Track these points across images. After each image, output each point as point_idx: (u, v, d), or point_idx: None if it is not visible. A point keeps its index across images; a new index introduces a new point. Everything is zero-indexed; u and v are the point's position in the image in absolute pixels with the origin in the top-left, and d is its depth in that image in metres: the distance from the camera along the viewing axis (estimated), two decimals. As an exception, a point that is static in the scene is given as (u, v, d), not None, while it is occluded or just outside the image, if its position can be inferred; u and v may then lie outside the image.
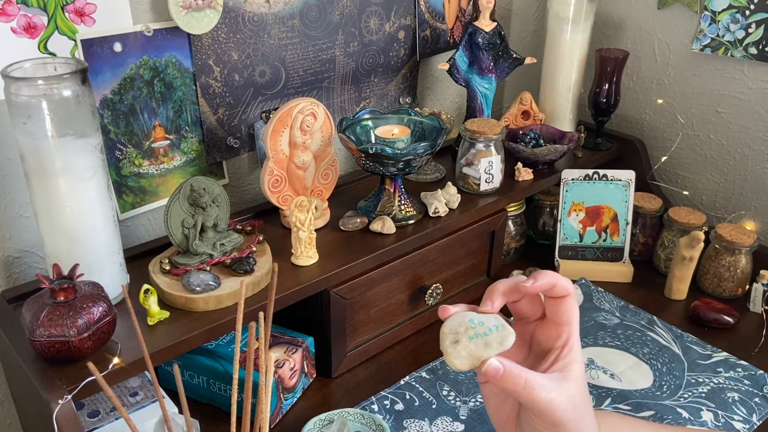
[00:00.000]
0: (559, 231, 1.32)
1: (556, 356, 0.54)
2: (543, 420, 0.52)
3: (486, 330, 0.52)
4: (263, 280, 0.93)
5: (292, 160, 1.04)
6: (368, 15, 1.20)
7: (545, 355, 0.55)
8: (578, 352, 0.54)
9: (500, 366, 0.50)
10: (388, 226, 1.06)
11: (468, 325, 0.53)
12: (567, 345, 0.54)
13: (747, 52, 1.26)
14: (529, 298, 0.57)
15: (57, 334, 0.73)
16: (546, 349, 0.55)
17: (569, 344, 0.54)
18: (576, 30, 1.34)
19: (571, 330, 0.54)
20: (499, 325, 0.53)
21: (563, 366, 0.53)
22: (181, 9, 0.92)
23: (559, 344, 0.54)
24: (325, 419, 0.94)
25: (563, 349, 0.54)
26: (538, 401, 0.51)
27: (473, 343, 0.52)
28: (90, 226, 0.83)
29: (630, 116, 1.50)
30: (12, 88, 0.74)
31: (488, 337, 0.52)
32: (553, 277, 0.53)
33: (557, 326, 0.54)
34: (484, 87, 1.28)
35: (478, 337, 0.52)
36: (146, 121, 0.99)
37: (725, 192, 1.38)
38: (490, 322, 0.53)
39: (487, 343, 0.52)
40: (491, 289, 0.55)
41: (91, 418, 0.83)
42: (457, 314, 0.54)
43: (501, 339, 0.52)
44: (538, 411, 0.52)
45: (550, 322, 0.55)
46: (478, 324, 0.53)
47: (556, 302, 0.54)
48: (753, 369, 1.07)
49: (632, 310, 1.21)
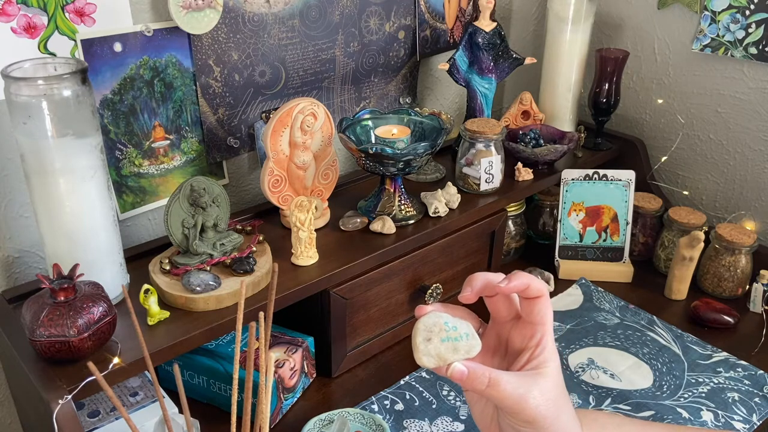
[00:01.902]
0: (559, 231, 1.32)
1: (529, 355, 0.55)
2: (516, 417, 0.54)
3: (457, 336, 0.55)
4: (263, 280, 0.93)
5: (292, 160, 1.04)
6: (368, 15, 1.20)
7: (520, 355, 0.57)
8: (553, 351, 0.56)
9: (464, 369, 0.53)
10: (388, 226, 1.06)
11: (442, 327, 0.55)
12: (540, 344, 0.55)
13: (747, 52, 1.26)
14: (505, 298, 0.58)
15: (57, 334, 0.73)
16: (521, 349, 0.57)
17: (542, 343, 0.55)
18: (576, 30, 1.34)
19: (545, 330, 0.55)
20: (469, 334, 0.56)
21: (537, 364, 0.55)
22: (181, 9, 0.92)
23: (532, 344, 0.56)
24: (325, 419, 0.94)
25: (536, 349, 0.55)
26: (506, 398, 0.52)
27: (443, 346, 0.55)
28: (90, 226, 0.83)
29: (630, 116, 1.50)
30: (12, 88, 0.74)
31: (458, 343, 0.55)
32: (527, 278, 0.55)
33: (531, 326, 0.56)
34: (484, 87, 1.28)
35: (449, 341, 0.55)
36: (146, 121, 0.99)
37: (725, 192, 1.38)
38: (462, 330, 0.56)
39: (456, 348, 0.55)
40: (471, 278, 0.57)
41: (91, 418, 0.83)
42: (433, 313, 0.56)
43: (468, 348, 0.55)
44: (509, 408, 0.53)
45: (524, 322, 0.57)
46: (452, 328, 0.56)
47: (530, 303, 0.56)
48: (753, 369, 1.07)
49: (632, 310, 1.21)
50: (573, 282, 1.29)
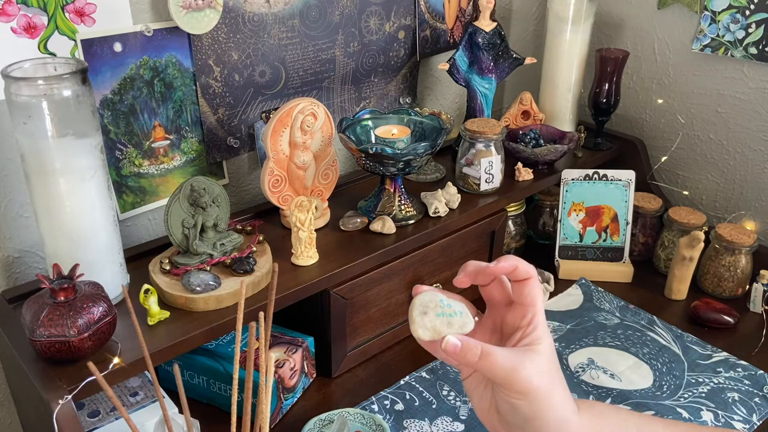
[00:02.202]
0: (559, 231, 1.32)
1: (521, 334, 0.58)
2: (510, 389, 0.55)
3: (452, 312, 0.59)
4: (263, 280, 0.93)
5: (292, 160, 1.04)
6: (368, 15, 1.20)
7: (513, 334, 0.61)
8: (545, 331, 0.58)
9: (457, 341, 0.56)
10: (388, 226, 1.06)
11: (438, 303, 0.59)
12: (531, 323, 0.58)
13: (747, 52, 1.26)
14: (497, 284, 0.62)
15: (57, 334, 0.73)
16: (515, 330, 0.60)
17: (534, 323, 0.58)
18: (576, 30, 1.34)
19: (536, 310, 0.58)
20: (463, 312, 0.59)
21: (529, 341, 0.58)
22: (181, 9, 0.92)
23: (524, 323, 0.59)
24: (325, 419, 0.94)
25: (528, 327, 0.58)
26: (499, 369, 0.55)
27: (439, 320, 0.58)
28: (90, 226, 0.83)
29: (630, 116, 1.50)
30: (12, 88, 0.74)
31: (452, 318, 0.59)
32: (515, 260, 0.58)
33: (522, 307, 0.59)
34: (484, 87, 1.28)
35: (444, 316, 0.59)
36: (146, 121, 0.99)
37: (725, 192, 1.38)
38: (456, 307, 0.60)
39: (450, 323, 0.58)
40: (464, 266, 0.62)
41: (91, 418, 0.83)
42: (429, 291, 0.60)
43: (462, 324, 0.58)
44: (502, 380, 0.55)
45: (516, 305, 0.60)
46: (447, 306, 0.60)
47: (520, 285, 0.59)
48: (753, 369, 1.07)
49: (632, 310, 1.21)
50: (573, 282, 1.29)
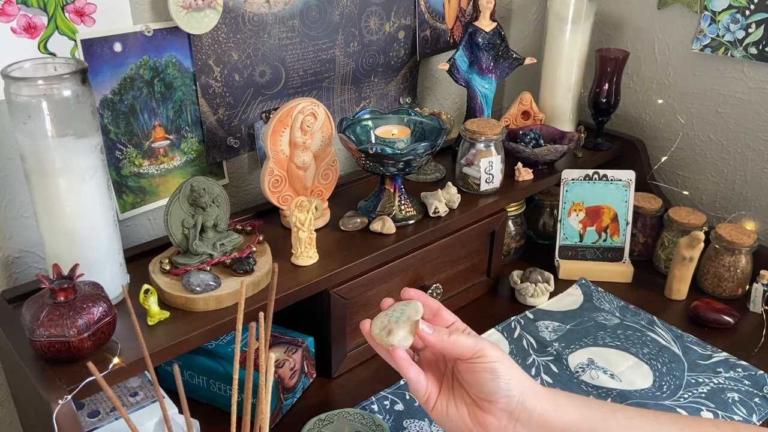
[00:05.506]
0: (559, 231, 1.32)
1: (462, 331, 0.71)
2: (479, 360, 0.65)
3: (400, 312, 0.69)
4: (263, 280, 0.93)
5: (292, 160, 1.04)
6: (368, 15, 1.20)
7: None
8: (488, 343, 0.68)
9: (430, 328, 0.67)
10: (388, 226, 1.06)
11: (389, 318, 0.69)
12: (467, 328, 0.72)
13: (747, 52, 1.26)
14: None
15: (57, 334, 0.73)
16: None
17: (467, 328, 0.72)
18: (576, 30, 1.34)
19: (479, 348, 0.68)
20: (405, 305, 0.70)
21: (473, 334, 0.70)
22: (181, 9, 0.92)
23: (460, 327, 0.72)
24: (325, 419, 0.94)
25: (465, 329, 0.71)
26: (464, 342, 0.66)
27: (401, 325, 0.67)
28: (90, 226, 0.83)
29: (630, 116, 1.50)
30: (12, 88, 0.74)
31: (405, 314, 0.68)
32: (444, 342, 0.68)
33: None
34: (484, 87, 1.28)
35: (401, 320, 0.68)
36: (146, 121, 0.99)
37: (725, 192, 1.38)
38: (398, 307, 0.69)
39: (409, 316, 0.68)
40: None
41: (91, 418, 0.83)
42: (375, 319, 0.70)
43: (415, 310, 0.69)
44: (468, 349, 0.65)
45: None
46: (392, 312, 0.69)
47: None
48: (753, 369, 1.07)
49: (632, 310, 1.21)
50: (573, 282, 1.29)
